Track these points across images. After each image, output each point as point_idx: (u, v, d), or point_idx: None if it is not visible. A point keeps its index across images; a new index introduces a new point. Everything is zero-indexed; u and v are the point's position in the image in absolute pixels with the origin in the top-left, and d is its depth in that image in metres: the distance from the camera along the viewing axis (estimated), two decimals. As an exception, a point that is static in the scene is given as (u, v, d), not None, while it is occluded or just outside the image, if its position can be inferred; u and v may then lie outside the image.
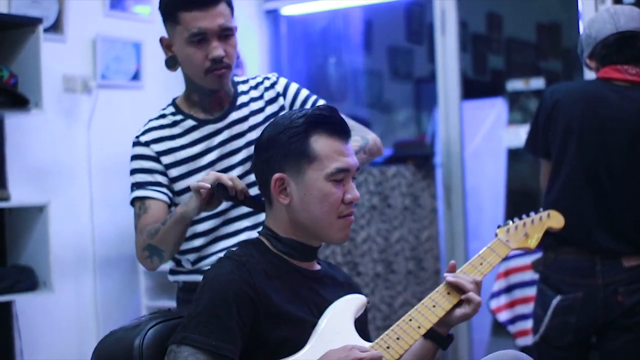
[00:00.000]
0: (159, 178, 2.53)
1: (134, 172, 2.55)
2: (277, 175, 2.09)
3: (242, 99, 2.62)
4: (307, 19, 6.38)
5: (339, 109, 2.14)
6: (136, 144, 2.57)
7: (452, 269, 2.25)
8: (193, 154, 2.55)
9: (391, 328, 2.07)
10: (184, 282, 2.63)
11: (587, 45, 3.26)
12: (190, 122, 2.57)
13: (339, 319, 2.06)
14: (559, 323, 3.19)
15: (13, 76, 3.95)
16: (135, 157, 2.56)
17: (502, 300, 4.56)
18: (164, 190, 2.52)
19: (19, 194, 4.18)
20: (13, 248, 4.19)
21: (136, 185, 2.52)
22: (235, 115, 2.59)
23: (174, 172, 2.54)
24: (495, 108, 5.83)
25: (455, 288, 2.18)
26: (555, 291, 3.21)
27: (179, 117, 2.58)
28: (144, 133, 2.57)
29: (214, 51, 2.45)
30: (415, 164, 5.31)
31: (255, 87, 2.67)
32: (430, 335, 2.20)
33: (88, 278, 4.57)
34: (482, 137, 5.78)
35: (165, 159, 2.53)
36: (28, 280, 4.02)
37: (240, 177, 2.53)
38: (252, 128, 2.60)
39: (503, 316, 4.58)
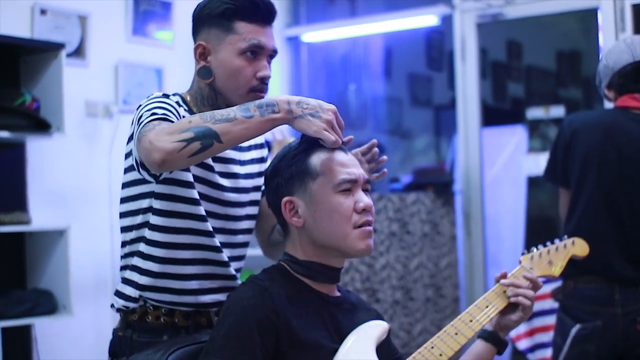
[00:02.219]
0: None
1: (159, 108, 2.19)
2: (285, 198, 2.10)
3: None
4: (327, 46, 6.41)
5: (359, 135, 2.15)
6: (164, 97, 2.28)
7: (503, 277, 2.27)
8: None
9: (413, 355, 2.06)
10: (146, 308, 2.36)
11: (604, 76, 3.26)
12: None
13: (360, 345, 2.05)
14: (578, 352, 3.17)
15: (35, 100, 3.98)
16: (163, 103, 2.23)
17: (522, 328, 4.55)
18: None
19: (40, 218, 4.20)
20: (33, 271, 4.21)
21: (163, 115, 2.15)
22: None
23: None
24: (515, 135, 5.83)
25: (505, 292, 2.23)
26: (574, 320, 3.19)
27: (187, 110, 2.37)
28: (168, 96, 2.32)
29: (264, 70, 2.31)
30: (434, 191, 5.32)
31: None
32: (492, 339, 2.22)
33: (107, 302, 4.54)
34: (502, 165, 5.78)
35: None
36: (47, 304, 4.03)
37: (238, 203, 2.43)
38: (244, 163, 2.48)
39: (522, 344, 4.57)
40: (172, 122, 2.13)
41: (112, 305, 2.46)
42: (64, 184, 4.43)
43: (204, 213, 2.33)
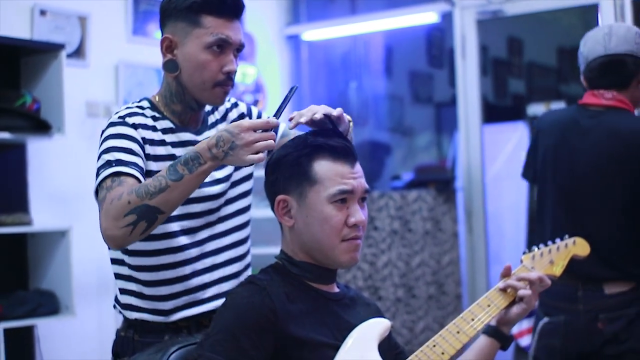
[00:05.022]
0: (142, 164, 2.24)
1: (114, 149, 2.20)
2: (280, 197, 2.09)
3: (210, 119, 2.49)
4: (328, 44, 6.41)
5: (360, 133, 2.13)
6: (120, 123, 2.27)
7: (507, 272, 2.27)
8: (172, 154, 2.32)
9: (415, 354, 2.05)
10: (142, 320, 2.41)
11: (581, 63, 3.23)
12: (168, 123, 2.36)
13: (362, 343, 2.04)
14: (544, 345, 3.19)
15: (36, 101, 3.98)
16: (118, 136, 2.24)
17: (524, 325, 4.55)
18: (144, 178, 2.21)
19: (41, 219, 4.20)
20: (35, 272, 4.21)
21: (117, 162, 2.17)
22: (208, 133, 2.43)
23: (153, 166, 2.29)
24: (517, 132, 5.82)
25: (505, 291, 2.22)
26: (544, 314, 3.21)
27: (157, 114, 2.36)
28: (129, 115, 2.30)
29: (230, 64, 2.30)
30: (436, 188, 5.32)
31: (216, 109, 2.53)
32: (495, 334, 2.21)
33: (110, 302, 4.55)
34: (503, 161, 5.77)
35: (148, 149, 2.29)
36: (50, 305, 4.03)
37: (222, 193, 2.43)
38: None
39: (525, 341, 4.57)
40: (126, 171, 2.15)
41: (115, 306, 2.47)
42: (65, 184, 4.43)
43: (182, 243, 2.36)
